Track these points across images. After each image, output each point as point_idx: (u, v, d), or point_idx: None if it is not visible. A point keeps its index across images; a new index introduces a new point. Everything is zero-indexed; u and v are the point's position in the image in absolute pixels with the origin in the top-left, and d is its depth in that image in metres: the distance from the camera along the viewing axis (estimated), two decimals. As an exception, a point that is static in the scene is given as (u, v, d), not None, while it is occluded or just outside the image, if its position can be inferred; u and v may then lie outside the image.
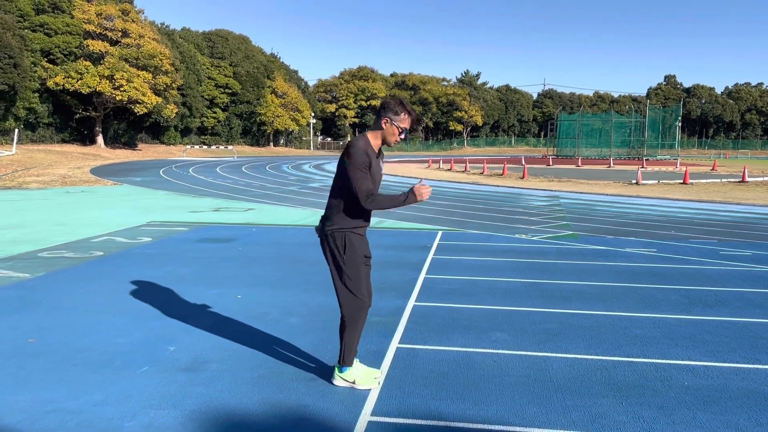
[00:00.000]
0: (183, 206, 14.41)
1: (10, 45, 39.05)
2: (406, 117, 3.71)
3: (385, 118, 3.70)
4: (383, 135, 3.73)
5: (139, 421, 3.37)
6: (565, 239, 9.93)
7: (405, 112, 3.70)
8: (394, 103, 3.71)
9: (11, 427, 3.28)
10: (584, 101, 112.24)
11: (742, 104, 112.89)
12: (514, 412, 3.53)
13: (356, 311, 3.78)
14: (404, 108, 3.71)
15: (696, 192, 19.78)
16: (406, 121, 3.71)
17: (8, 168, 27.36)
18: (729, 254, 8.65)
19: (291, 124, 74.01)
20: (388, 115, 3.70)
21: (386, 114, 3.70)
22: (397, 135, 3.72)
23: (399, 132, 3.71)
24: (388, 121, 3.70)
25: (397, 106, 3.70)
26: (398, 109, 3.70)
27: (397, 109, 3.69)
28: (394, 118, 3.69)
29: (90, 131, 51.58)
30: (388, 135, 3.72)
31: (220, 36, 69.66)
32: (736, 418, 3.48)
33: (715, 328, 5.19)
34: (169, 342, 4.67)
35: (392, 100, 3.73)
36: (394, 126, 3.70)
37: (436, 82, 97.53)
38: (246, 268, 7.43)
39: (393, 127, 3.70)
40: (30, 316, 5.33)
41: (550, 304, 5.87)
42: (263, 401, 3.64)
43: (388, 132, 3.72)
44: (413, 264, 7.72)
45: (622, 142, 61.28)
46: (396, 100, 3.73)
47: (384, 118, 3.70)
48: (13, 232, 10.05)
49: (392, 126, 3.70)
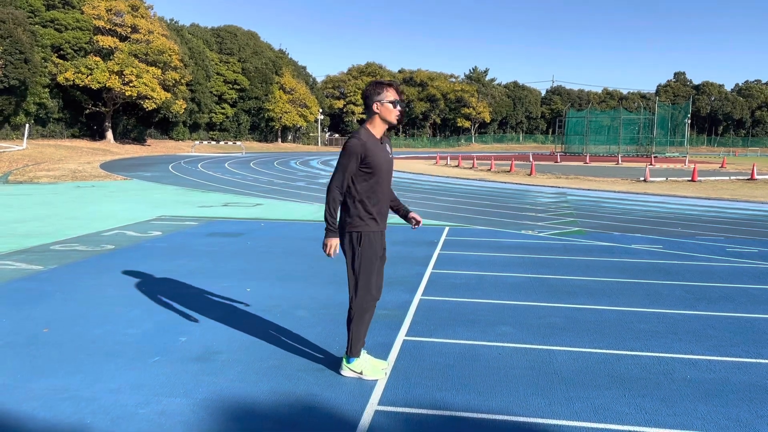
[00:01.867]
0: (192, 201, 14.53)
1: (21, 40, 39.32)
2: (388, 90, 3.71)
3: (374, 103, 3.72)
4: (381, 118, 3.75)
5: (152, 408, 3.45)
6: (571, 235, 9.96)
7: (385, 87, 3.72)
8: (372, 86, 3.74)
9: (28, 413, 3.38)
10: (593, 98, 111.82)
11: (753, 101, 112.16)
12: (518, 402, 3.60)
13: (365, 304, 3.85)
14: (382, 85, 3.73)
15: (704, 189, 19.72)
16: (392, 94, 3.72)
17: (19, 163, 27.60)
18: (735, 251, 8.66)
19: (299, 120, 74.15)
20: (374, 99, 3.72)
21: (372, 100, 3.73)
22: (394, 110, 3.72)
23: (392, 106, 3.71)
24: (378, 104, 3.72)
25: (376, 87, 3.73)
26: (378, 89, 3.72)
27: (377, 89, 3.72)
28: (379, 98, 3.71)
29: (100, 126, 51.91)
30: (386, 115, 3.73)
31: (229, 32, 69.82)
32: (737, 410, 3.53)
33: (719, 323, 5.23)
34: (180, 333, 4.76)
35: (370, 86, 3.76)
36: (385, 105, 3.71)
37: (444, 78, 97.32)
38: (254, 261, 7.53)
39: (385, 105, 3.71)
40: (44, 307, 5.44)
41: (555, 299, 5.92)
42: (272, 391, 3.72)
43: (383, 113, 3.73)
44: (420, 259, 7.78)
45: (630, 139, 61.07)
46: (372, 84, 3.76)
47: (373, 104, 3.73)
48: (25, 226, 10.18)
49: (384, 105, 3.71)
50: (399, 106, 3.74)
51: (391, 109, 3.72)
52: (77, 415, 3.36)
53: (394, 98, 3.72)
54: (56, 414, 3.36)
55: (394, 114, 3.74)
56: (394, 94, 3.72)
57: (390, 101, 3.71)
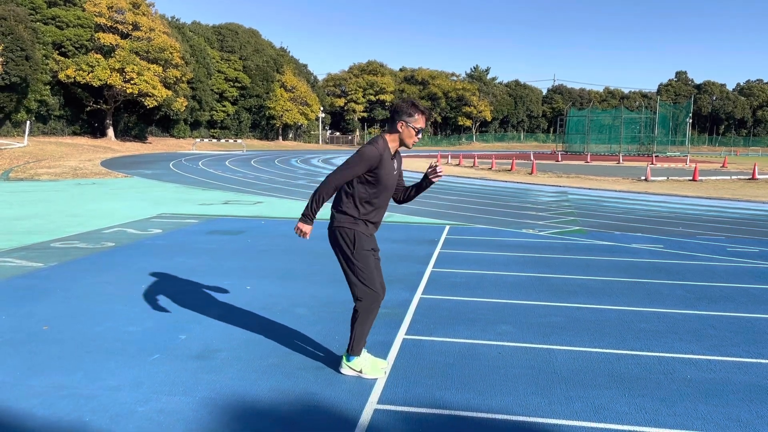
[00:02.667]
0: (193, 199, 14.53)
1: (23, 37, 39.32)
2: (420, 117, 3.77)
3: (401, 122, 3.75)
4: (400, 138, 3.79)
5: (152, 406, 3.45)
6: (572, 234, 9.96)
7: (418, 113, 3.76)
8: (406, 105, 3.76)
9: (27, 410, 3.37)
10: (594, 97, 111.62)
11: (754, 101, 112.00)
12: (518, 402, 3.60)
13: (370, 302, 3.84)
14: (417, 109, 3.77)
15: (705, 189, 19.71)
16: (420, 121, 3.78)
17: (20, 160, 27.60)
18: (736, 251, 8.65)
19: (300, 118, 74.11)
20: (402, 118, 3.75)
21: (401, 117, 3.75)
22: (414, 136, 3.79)
23: (415, 132, 3.77)
24: (404, 124, 3.75)
25: (410, 108, 3.75)
26: (412, 110, 3.75)
27: (410, 111, 3.75)
28: (408, 120, 3.74)
29: (101, 124, 51.90)
30: (406, 138, 3.79)
31: (230, 30, 69.76)
32: (737, 410, 3.53)
33: (720, 323, 5.23)
34: (180, 331, 4.76)
35: (404, 103, 3.78)
36: (410, 128, 3.75)
37: (446, 77, 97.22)
38: (255, 259, 7.52)
39: (409, 129, 3.76)
40: (44, 304, 5.44)
41: (555, 298, 5.92)
42: (272, 389, 3.72)
43: (405, 135, 3.78)
44: (420, 257, 7.78)
45: (631, 138, 60.99)
46: (408, 102, 3.78)
47: (399, 122, 3.75)
48: (26, 223, 10.19)
49: (408, 128, 3.76)
50: (420, 134, 3.81)
51: (413, 135, 3.78)
52: (76, 412, 3.36)
53: (420, 126, 3.79)
54: (55, 412, 3.36)
55: (412, 140, 3.81)
56: (421, 123, 3.79)
57: (415, 127, 3.76)
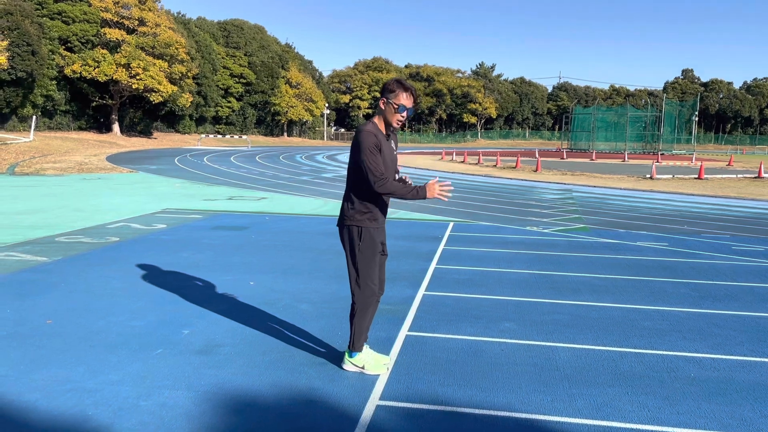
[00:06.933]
0: (197, 194, 14.54)
1: (29, 32, 39.39)
2: (402, 93, 3.65)
3: (382, 99, 3.69)
4: (384, 117, 3.72)
5: (154, 400, 3.46)
6: (576, 232, 9.93)
7: (400, 88, 3.65)
8: (389, 82, 3.69)
9: (30, 404, 3.38)
10: (600, 95, 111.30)
11: (761, 99, 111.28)
12: (521, 399, 3.59)
13: (367, 299, 3.84)
14: (400, 85, 3.66)
15: (711, 187, 19.62)
16: (400, 97, 3.65)
17: (26, 154, 27.68)
18: (741, 249, 8.61)
19: (305, 114, 74.07)
20: (383, 95, 3.68)
21: (383, 95, 3.69)
22: (395, 113, 3.67)
23: (395, 109, 3.66)
24: (385, 101, 3.68)
25: (391, 84, 3.68)
26: (393, 86, 3.67)
27: (391, 87, 3.67)
28: (389, 96, 3.66)
29: (106, 119, 51.97)
30: (388, 115, 3.69)
31: (236, 25, 69.73)
32: (741, 409, 3.51)
33: (724, 321, 5.20)
34: (183, 326, 4.76)
35: (387, 82, 3.71)
36: (390, 104, 3.67)
37: (451, 73, 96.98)
38: (258, 255, 7.53)
39: (389, 105, 3.67)
40: (48, 298, 5.45)
41: (559, 296, 5.90)
42: (274, 384, 3.72)
43: (387, 112, 3.69)
44: (424, 254, 7.77)
45: (637, 136, 60.69)
46: (392, 80, 3.70)
47: (381, 99, 3.70)
48: (31, 217, 10.22)
49: (389, 105, 3.67)
50: (406, 112, 3.69)
51: (392, 111, 3.67)
52: (79, 406, 3.36)
53: (401, 103, 3.65)
54: (58, 405, 3.37)
55: (395, 118, 3.69)
56: (405, 99, 3.66)
57: (396, 103, 3.65)
